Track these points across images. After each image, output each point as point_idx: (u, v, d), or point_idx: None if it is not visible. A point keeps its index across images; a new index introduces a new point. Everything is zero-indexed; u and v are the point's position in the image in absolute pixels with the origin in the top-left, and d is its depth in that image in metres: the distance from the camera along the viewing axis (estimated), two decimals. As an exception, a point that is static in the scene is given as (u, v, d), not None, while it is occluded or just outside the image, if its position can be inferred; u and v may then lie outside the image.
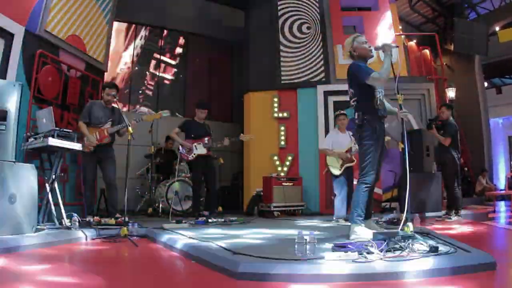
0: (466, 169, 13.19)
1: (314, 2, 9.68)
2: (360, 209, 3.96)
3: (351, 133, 6.43)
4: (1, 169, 4.08)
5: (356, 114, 4.10)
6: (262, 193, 8.17)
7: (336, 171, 6.47)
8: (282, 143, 9.15)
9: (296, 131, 9.13)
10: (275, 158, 9.07)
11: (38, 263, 3.30)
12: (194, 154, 6.83)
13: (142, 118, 6.36)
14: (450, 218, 6.53)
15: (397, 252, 2.91)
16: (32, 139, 5.08)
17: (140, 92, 10.86)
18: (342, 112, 6.84)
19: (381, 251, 2.88)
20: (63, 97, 6.26)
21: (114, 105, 6.14)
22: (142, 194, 8.80)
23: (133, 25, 10.81)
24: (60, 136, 5.00)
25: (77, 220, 4.81)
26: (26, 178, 4.33)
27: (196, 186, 7.11)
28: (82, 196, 6.38)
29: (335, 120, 6.83)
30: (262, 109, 9.37)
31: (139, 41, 10.92)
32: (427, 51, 14.79)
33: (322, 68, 9.23)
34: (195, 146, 6.85)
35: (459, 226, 5.90)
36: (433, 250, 2.93)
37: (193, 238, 3.99)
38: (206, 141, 6.89)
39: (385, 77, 3.89)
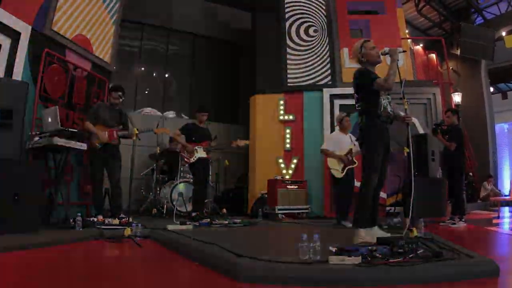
0: (470, 174, 13.13)
1: (321, 5, 9.69)
2: (364, 212, 3.95)
3: (351, 136, 6.57)
4: (6, 167, 4.11)
5: (360, 118, 4.15)
6: (266, 196, 8.17)
7: (338, 174, 6.46)
8: (288, 146, 9.14)
9: (301, 134, 9.12)
10: (280, 160, 9.06)
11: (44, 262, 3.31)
12: (195, 157, 6.85)
13: (152, 129, 6.39)
14: (454, 223, 6.49)
15: (401, 257, 2.89)
16: (38, 138, 5.12)
17: (146, 93, 10.88)
18: (346, 114, 6.88)
19: (385, 256, 2.87)
20: (69, 97, 6.28)
21: (121, 107, 6.16)
22: (147, 194, 8.81)
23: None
24: (66, 136, 5.03)
25: (81, 219, 4.82)
26: (31, 176, 4.36)
27: (199, 188, 7.10)
28: (87, 196, 6.39)
29: (341, 122, 6.77)
30: (268, 112, 9.37)
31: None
32: (433, 56, 14.77)
33: (329, 71, 9.23)
34: (196, 149, 6.87)
35: (463, 232, 5.87)
36: (437, 255, 2.92)
37: (197, 240, 3.99)
38: (207, 145, 6.95)
39: (390, 82, 3.89)
